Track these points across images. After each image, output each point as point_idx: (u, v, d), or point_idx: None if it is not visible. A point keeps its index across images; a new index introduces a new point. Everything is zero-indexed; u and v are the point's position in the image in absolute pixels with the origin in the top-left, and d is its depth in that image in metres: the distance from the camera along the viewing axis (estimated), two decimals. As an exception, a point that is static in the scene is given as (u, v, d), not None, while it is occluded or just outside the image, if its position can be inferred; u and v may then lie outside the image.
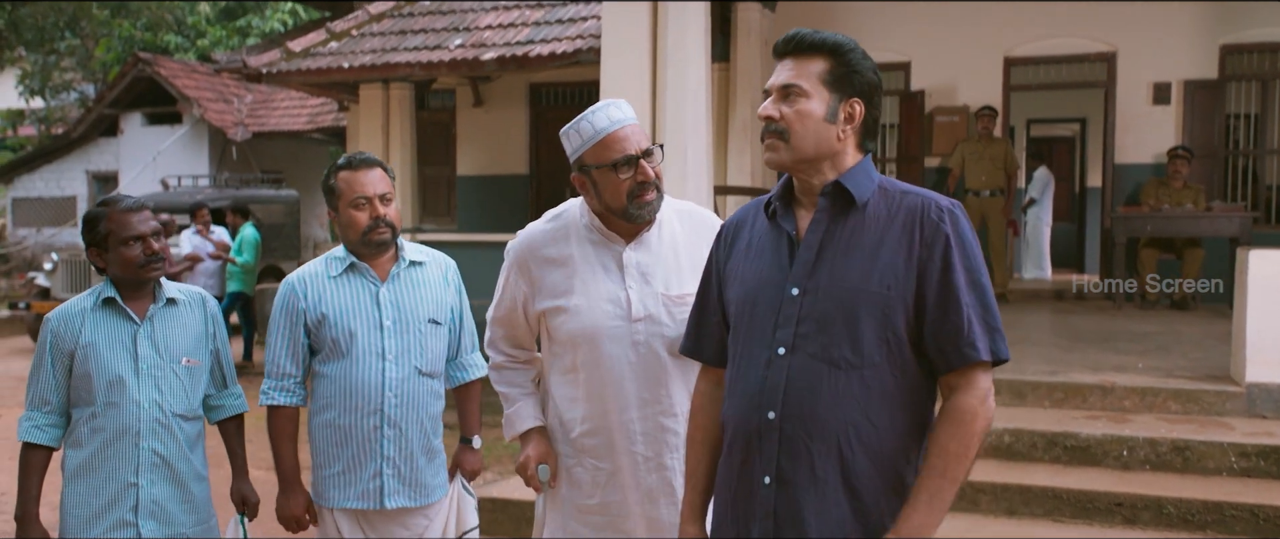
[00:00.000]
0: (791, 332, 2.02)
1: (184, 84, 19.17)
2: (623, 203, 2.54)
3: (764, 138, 2.08)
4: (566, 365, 2.67)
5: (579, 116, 2.58)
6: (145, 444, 2.98)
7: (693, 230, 2.69)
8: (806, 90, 2.04)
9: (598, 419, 2.62)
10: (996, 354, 1.98)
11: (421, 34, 10.22)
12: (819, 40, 2.05)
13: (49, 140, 22.69)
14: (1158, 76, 9.42)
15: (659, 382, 2.58)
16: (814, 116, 2.04)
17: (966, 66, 9.88)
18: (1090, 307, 9.29)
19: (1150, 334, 7.36)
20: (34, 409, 3.03)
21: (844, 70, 2.04)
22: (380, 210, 3.05)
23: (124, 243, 2.98)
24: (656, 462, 2.60)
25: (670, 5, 6.85)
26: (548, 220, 2.73)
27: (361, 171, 3.06)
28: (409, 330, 3.10)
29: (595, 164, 2.55)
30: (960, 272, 1.97)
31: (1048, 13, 9.51)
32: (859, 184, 2.05)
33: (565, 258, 2.64)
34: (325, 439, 3.11)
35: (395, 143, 10.88)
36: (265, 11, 22.37)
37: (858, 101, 2.05)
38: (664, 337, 2.57)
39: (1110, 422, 5.32)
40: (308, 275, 3.14)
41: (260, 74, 10.37)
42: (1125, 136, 9.59)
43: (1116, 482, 4.84)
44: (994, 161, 9.49)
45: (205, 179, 17.22)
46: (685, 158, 6.76)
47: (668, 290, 2.59)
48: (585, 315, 2.58)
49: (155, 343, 3.03)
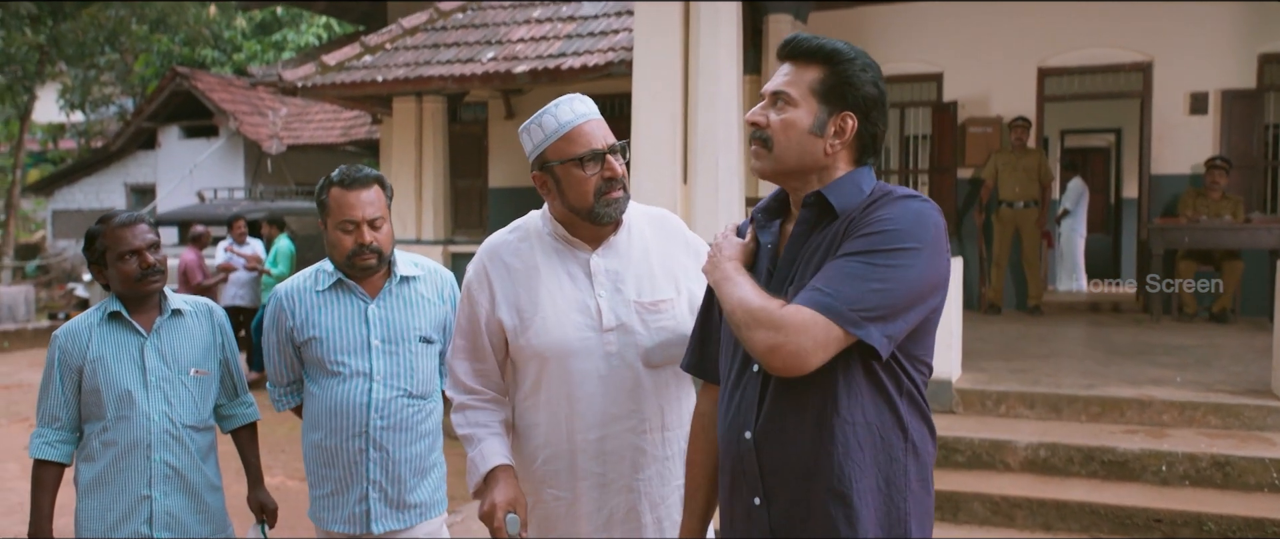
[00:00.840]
0: None
1: (220, 98, 19.44)
2: (589, 202, 2.34)
3: (750, 143, 1.99)
4: (528, 387, 2.44)
5: (540, 110, 2.40)
6: (157, 456, 2.99)
7: (663, 235, 2.51)
8: (795, 99, 1.93)
9: (558, 441, 2.39)
10: (827, 311, 1.75)
11: (454, 47, 10.29)
12: (815, 47, 1.93)
13: (89, 153, 23.06)
14: (1195, 86, 9.30)
15: (632, 395, 2.37)
16: (798, 127, 1.92)
17: (1000, 77, 9.81)
18: (1126, 319, 9.18)
19: (1189, 347, 7.26)
20: (44, 426, 3.04)
21: (837, 81, 1.91)
22: (366, 237, 2.92)
23: (120, 258, 2.99)
24: (624, 483, 2.39)
25: (702, 18, 6.86)
26: (509, 231, 2.52)
27: (352, 192, 2.93)
28: (399, 350, 2.99)
29: (559, 160, 2.35)
30: (852, 249, 1.80)
31: (1082, 23, 9.44)
32: (844, 194, 1.92)
33: (528, 268, 2.42)
34: (314, 460, 3.05)
35: (428, 155, 10.95)
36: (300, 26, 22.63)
37: (851, 115, 1.92)
38: (638, 346, 2.37)
39: (1148, 436, 5.25)
40: (295, 290, 3.05)
41: (295, 88, 10.47)
42: (1162, 147, 9.48)
43: (1155, 497, 4.78)
44: (1028, 172, 9.41)
45: (241, 191, 17.44)
46: (717, 170, 6.76)
47: (640, 297, 2.39)
48: (552, 328, 2.36)
49: (163, 354, 3.03)
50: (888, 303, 1.76)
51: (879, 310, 1.76)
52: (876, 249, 1.79)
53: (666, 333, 2.40)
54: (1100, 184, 14.94)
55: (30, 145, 24.02)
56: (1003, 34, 9.64)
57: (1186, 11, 9.12)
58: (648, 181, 6.94)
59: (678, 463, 2.43)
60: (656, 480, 2.41)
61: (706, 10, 6.84)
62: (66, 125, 25.19)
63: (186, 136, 20.82)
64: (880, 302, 1.76)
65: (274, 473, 6.80)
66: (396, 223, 11.05)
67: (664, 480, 2.43)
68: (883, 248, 1.79)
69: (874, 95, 1.92)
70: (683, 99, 6.99)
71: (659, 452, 2.41)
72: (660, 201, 6.80)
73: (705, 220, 6.71)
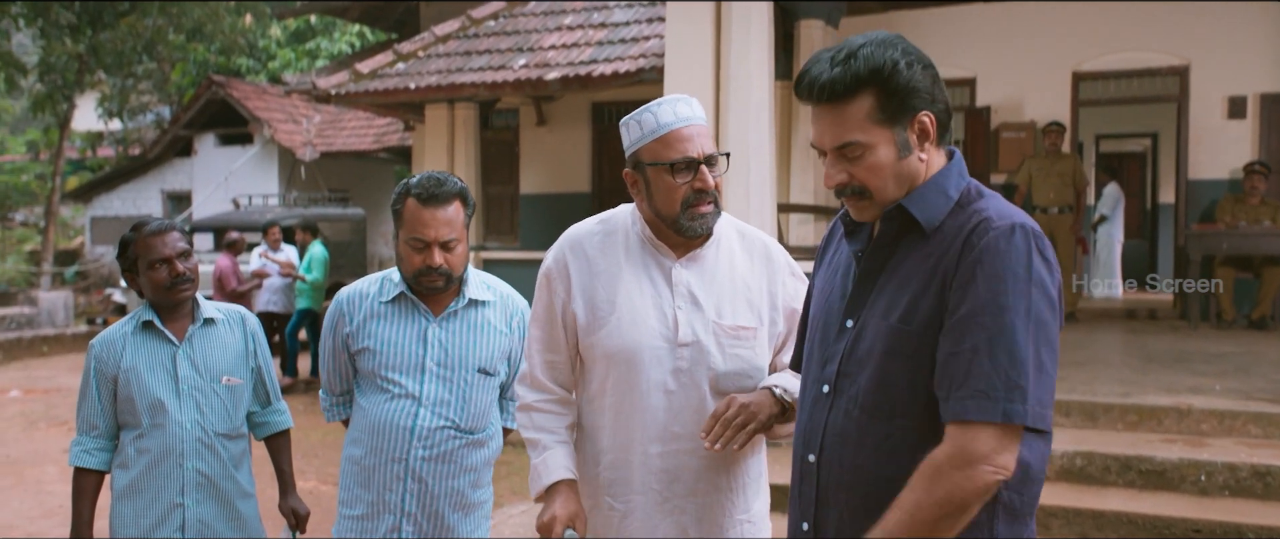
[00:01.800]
0: (835, 369, 1.81)
1: (255, 105, 19.65)
2: (675, 211, 2.23)
3: (842, 198, 1.79)
4: (594, 388, 2.35)
5: (643, 106, 2.28)
6: (189, 464, 3.01)
7: (754, 258, 2.37)
8: (866, 142, 1.71)
9: (619, 450, 2.30)
10: (1008, 417, 1.58)
11: (486, 55, 10.35)
12: (852, 78, 1.68)
13: (126, 161, 23.38)
14: (1232, 90, 9.18)
15: (696, 417, 2.24)
16: (886, 164, 1.72)
17: (1033, 82, 9.73)
18: (1163, 326, 9.07)
19: (1228, 355, 7.15)
20: (83, 434, 3.08)
21: (896, 96, 1.69)
22: (437, 260, 2.70)
23: (151, 266, 3.00)
24: (675, 504, 2.28)
25: (734, 23, 6.86)
26: (596, 222, 2.42)
27: (429, 208, 2.69)
28: (454, 377, 2.79)
29: (651, 161, 2.24)
30: (985, 301, 1.60)
31: (1117, 26, 9.34)
32: (928, 205, 1.73)
33: (610, 264, 2.32)
34: (350, 476, 2.87)
35: (460, 162, 11.01)
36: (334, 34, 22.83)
37: (924, 115, 1.72)
38: (710, 368, 2.25)
39: (1187, 445, 5.18)
40: (357, 295, 2.89)
41: (329, 95, 10.57)
42: (1199, 151, 9.36)
43: (1194, 507, 4.71)
44: (1062, 178, 9.33)
45: (274, 198, 17.61)
46: (749, 175, 6.74)
47: (720, 318, 2.27)
48: (626, 330, 2.26)
49: (195, 363, 3.04)
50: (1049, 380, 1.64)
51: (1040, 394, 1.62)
52: (1039, 323, 1.61)
53: (741, 362, 2.28)
54: (1136, 189, 14.78)
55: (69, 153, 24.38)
56: (1036, 38, 9.57)
57: (1224, 14, 9.01)
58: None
59: (739, 496, 2.33)
60: (714, 508, 2.30)
61: (738, 16, 6.84)
62: (105, 133, 25.55)
63: (222, 144, 21.06)
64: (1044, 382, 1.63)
65: (307, 477, 6.85)
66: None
67: (723, 510, 2.31)
68: (1044, 321, 1.62)
69: (929, 80, 1.71)
70: (714, 105, 6.99)
71: (721, 482, 2.30)
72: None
73: (736, 226, 6.69)
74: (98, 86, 22.36)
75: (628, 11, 10.39)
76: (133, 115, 23.35)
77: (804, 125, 8.39)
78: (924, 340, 1.67)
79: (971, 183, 1.79)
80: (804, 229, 8.38)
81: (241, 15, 21.50)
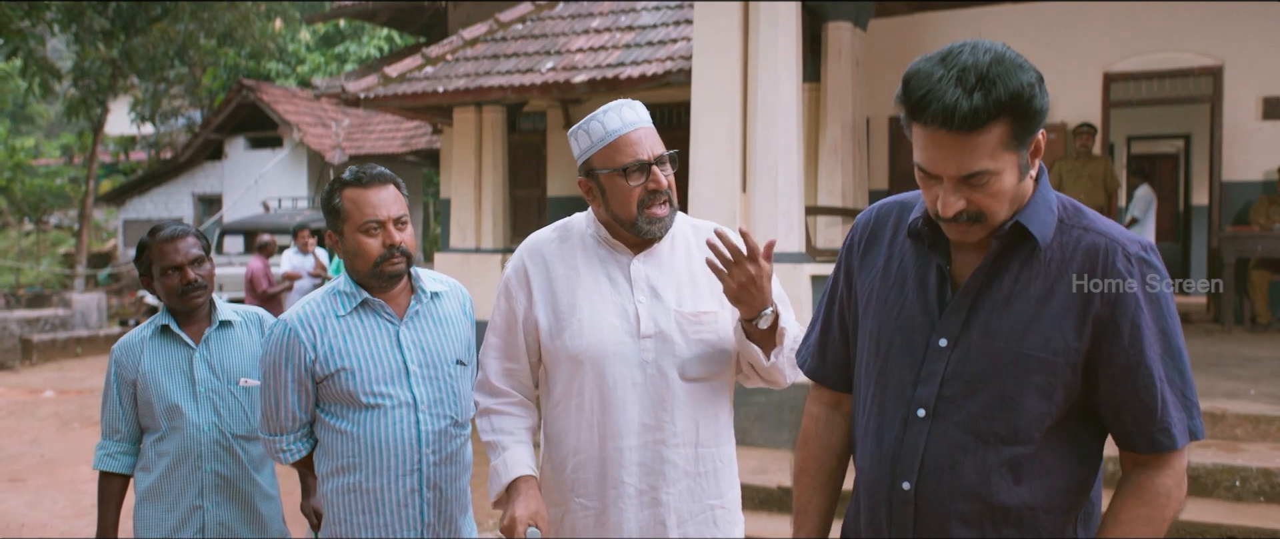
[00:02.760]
0: (934, 391, 1.72)
1: (285, 109, 19.83)
2: (632, 214, 2.29)
3: (952, 224, 1.69)
4: (559, 392, 2.36)
5: (589, 116, 2.32)
6: (207, 466, 3.02)
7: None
8: (994, 170, 1.61)
9: (589, 449, 2.32)
10: (1194, 435, 1.68)
11: (514, 57, 10.38)
12: (994, 106, 1.55)
13: (158, 164, 23.66)
14: (1267, 91, 9.07)
15: (664, 406, 2.29)
16: (1008, 188, 1.65)
17: (1064, 83, 9.65)
18: (1197, 329, 8.96)
19: (1262, 359, 7.07)
20: (107, 438, 3.11)
21: (1030, 123, 1.60)
22: (395, 237, 2.59)
23: (164, 272, 3.03)
24: (651, 496, 2.31)
25: (762, 26, 6.85)
26: (552, 229, 2.48)
27: (372, 189, 2.60)
28: (438, 374, 2.67)
29: (604, 168, 2.29)
30: (1152, 341, 1.64)
31: (1149, 27, 9.26)
32: (1041, 221, 1.68)
33: (568, 268, 2.37)
34: (346, 508, 2.62)
35: (487, 164, 11.06)
36: (362, 38, 23.02)
37: (1040, 134, 1.66)
38: (675, 356, 2.29)
39: (1221, 451, 5.12)
40: (312, 317, 2.64)
41: (358, 99, 10.64)
42: (1233, 153, 9.25)
43: (1228, 513, 4.65)
44: (1093, 180, 9.24)
45: (304, 200, 17.76)
46: (776, 178, 6.73)
47: (680, 307, 2.32)
48: (588, 330, 2.30)
49: (211, 365, 3.06)
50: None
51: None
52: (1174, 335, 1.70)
53: (706, 346, 2.32)
54: (1169, 191, 14.63)
55: (103, 157, 24.71)
56: (1067, 39, 9.49)
57: (1257, 13, 8.90)
58: (706, 190, 6.94)
59: (711, 481, 2.36)
60: (686, 496, 2.33)
61: (766, 18, 6.83)
62: (137, 137, 25.89)
63: (252, 147, 21.27)
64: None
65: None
66: (455, 232, 11.18)
67: (694, 497, 2.34)
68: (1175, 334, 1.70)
69: (1045, 100, 1.63)
70: (742, 107, 6.98)
71: (690, 467, 2.33)
72: (719, 210, 6.80)
73: (764, 228, 6.68)
74: (130, 91, 22.65)
75: (655, 14, 10.39)
76: (164, 119, 23.64)
77: (832, 128, 8.37)
78: (1059, 368, 1.65)
79: (1063, 198, 1.76)
80: (832, 232, 8.35)
81: (271, 20, 21.71)
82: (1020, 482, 1.67)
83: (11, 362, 13.86)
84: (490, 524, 5.60)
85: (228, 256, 13.90)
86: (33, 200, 24.76)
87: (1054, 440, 1.68)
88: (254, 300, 10.96)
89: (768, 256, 2.19)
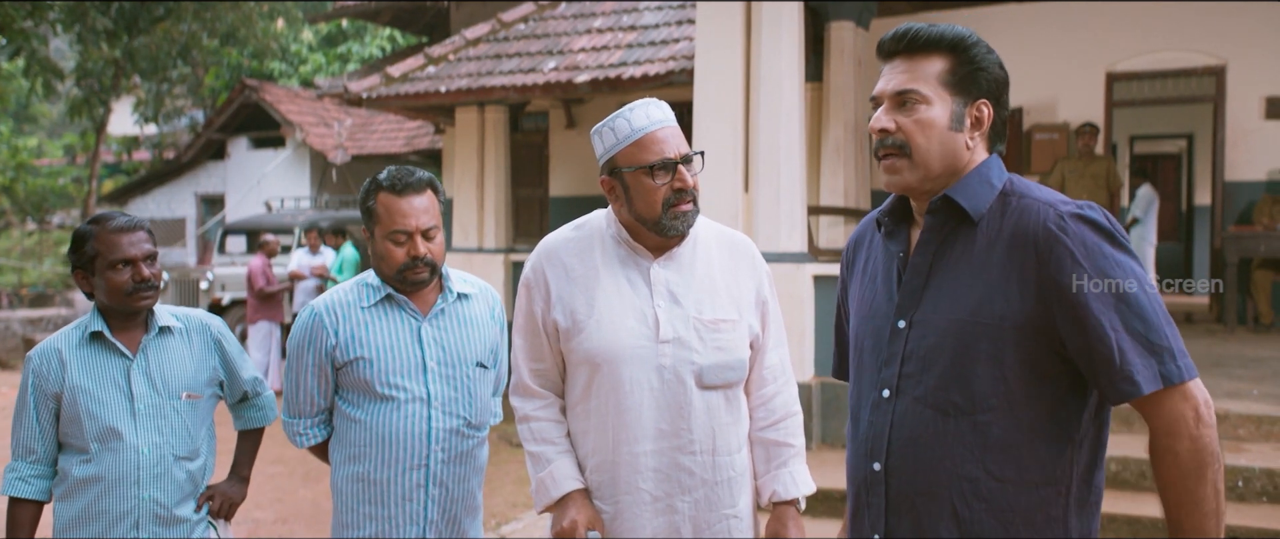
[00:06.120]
0: (896, 372, 1.77)
1: (287, 109, 19.82)
2: (657, 212, 2.27)
3: (879, 154, 1.79)
4: (578, 393, 2.36)
5: (614, 114, 2.31)
6: (146, 493, 2.66)
7: (731, 255, 2.42)
8: (926, 95, 1.74)
9: (605, 452, 2.31)
10: (1168, 379, 1.62)
11: (516, 57, 10.38)
12: (937, 35, 1.75)
13: (161, 164, 23.66)
14: (1271, 90, 9.06)
15: (681, 414, 2.27)
16: (937, 125, 1.74)
17: (1066, 82, 9.65)
18: (1199, 330, 8.96)
19: (1265, 359, 7.06)
20: (18, 459, 2.71)
21: (968, 68, 1.75)
22: (421, 249, 2.62)
23: (112, 266, 2.66)
24: (667, 503, 2.29)
25: (764, 25, 6.85)
26: (571, 228, 2.46)
27: (405, 198, 2.64)
28: (456, 374, 2.69)
29: (629, 166, 2.27)
30: (1095, 292, 1.63)
31: (1152, 26, 9.24)
32: (974, 194, 1.74)
33: (587, 269, 2.35)
34: (354, 496, 2.67)
35: (490, 164, 11.06)
36: (365, 38, 23.02)
37: (985, 102, 1.76)
38: (693, 363, 2.27)
39: (1225, 451, 5.11)
40: (337, 305, 2.70)
41: (360, 99, 10.65)
42: (1236, 153, 9.24)
43: (1232, 514, 4.65)
44: (1095, 180, 9.23)
45: (306, 201, 17.75)
46: (779, 177, 6.73)
47: (700, 314, 2.30)
48: (606, 332, 2.28)
49: (151, 379, 2.71)
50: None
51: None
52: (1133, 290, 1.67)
53: (724, 355, 2.31)
54: (1171, 191, 14.62)
55: (105, 157, 24.73)
56: (1069, 38, 9.48)
57: (1261, 13, 8.89)
58: (709, 190, 6.94)
59: (727, 490, 2.34)
60: (703, 505, 2.32)
61: (768, 18, 6.83)
62: (140, 137, 25.89)
63: (254, 147, 21.26)
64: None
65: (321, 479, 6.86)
66: (458, 231, 11.19)
67: (711, 506, 2.33)
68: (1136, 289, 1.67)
69: (1002, 77, 1.78)
70: (744, 107, 6.98)
71: (707, 476, 2.31)
72: (722, 210, 6.80)
73: (767, 229, 6.68)
74: (133, 91, 22.66)
75: (657, 14, 10.39)
76: (167, 119, 23.64)
77: (834, 128, 8.37)
78: (1005, 332, 1.67)
79: (1013, 177, 1.80)
80: (834, 232, 8.35)
81: (274, 20, 21.72)
82: (985, 451, 1.69)
83: (14, 361, 13.87)
84: (494, 524, 5.60)
85: (231, 256, 13.93)
86: (36, 200, 24.77)
87: (1021, 410, 1.68)
88: (253, 298, 11.00)
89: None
